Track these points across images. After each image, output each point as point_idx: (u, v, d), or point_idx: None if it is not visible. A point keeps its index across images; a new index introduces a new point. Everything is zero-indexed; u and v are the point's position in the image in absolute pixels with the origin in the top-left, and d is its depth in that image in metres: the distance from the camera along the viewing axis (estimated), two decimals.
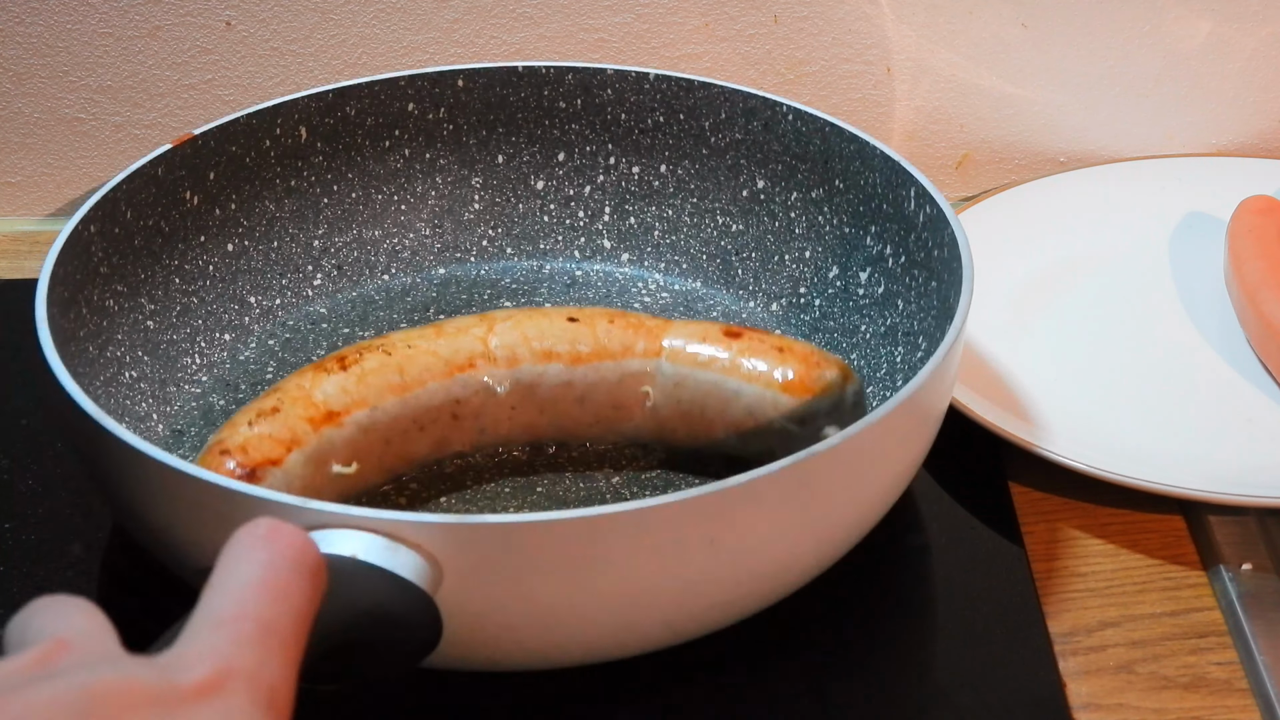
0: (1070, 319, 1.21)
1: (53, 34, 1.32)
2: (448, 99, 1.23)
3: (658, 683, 0.94)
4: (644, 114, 1.23)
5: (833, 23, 1.33)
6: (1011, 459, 1.10)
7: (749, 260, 1.22)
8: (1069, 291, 1.25)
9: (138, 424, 1.07)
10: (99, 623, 0.64)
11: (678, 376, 1.05)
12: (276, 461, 0.95)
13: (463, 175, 1.25)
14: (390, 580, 0.80)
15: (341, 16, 1.33)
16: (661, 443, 1.07)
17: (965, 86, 1.36)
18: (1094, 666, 0.97)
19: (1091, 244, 1.29)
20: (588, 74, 1.23)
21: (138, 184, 1.10)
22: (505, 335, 1.05)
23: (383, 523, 0.82)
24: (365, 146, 1.22)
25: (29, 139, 1.36)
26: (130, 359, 1.09)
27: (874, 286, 1.14)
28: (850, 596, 1.00)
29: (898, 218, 1.11)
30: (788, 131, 1.18)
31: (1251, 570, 1.01)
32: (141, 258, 1.12)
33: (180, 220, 1.15)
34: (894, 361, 1.10)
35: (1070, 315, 1.21)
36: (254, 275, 1.19)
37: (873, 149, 1.13)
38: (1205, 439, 1.10)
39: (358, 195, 1.23)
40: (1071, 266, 1.27)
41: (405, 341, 1.04)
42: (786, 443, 1.02)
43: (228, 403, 1.12)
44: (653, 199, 1.25)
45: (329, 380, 1.00)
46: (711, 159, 1.22)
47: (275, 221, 1.20)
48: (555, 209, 1.26)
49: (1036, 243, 1.28)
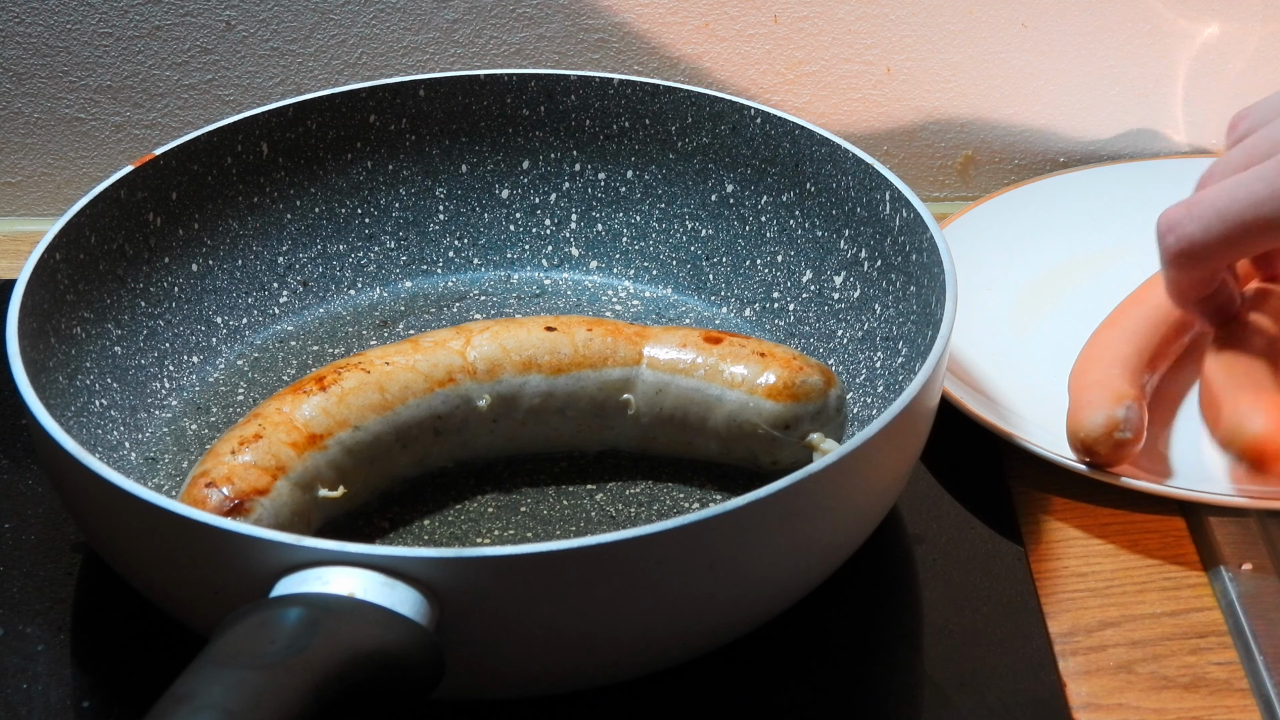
0: (1070, 319, 1.21)
1: (53, 34, 1.31)
2: (409, 109, 1.22)
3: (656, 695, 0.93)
4: (609, 119, 1.22)
5: (833, 23, 1.33)
6: (1011, 459, 1.10)
7: (720, 265, 1.21)
8: (1069, 291, 1.25)
9: (110, 453, 1.05)
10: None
11: (659, 383, 1.04)
12: (264, 491, 0.93)
13: (426, 186, 1.24)
14: (390, 619, 0.79)
15: (341, 16, 1.32)
16: (644, 452, 1.06)
17: (965, 86, 1.36)
18: (1094, 666, 0.97)
19: (1091, 244, 1.29)
20: (550, 80, 1.22)
21: (100, 207, 1.09)
22: (483, 347, 1.04)
23: (379, 558, 0.81)
24: (327, 160, 1.21)
25: (29, 139, 1.36)
26: (100, 387, 1.07)
27: (849, 291, 1.14)
28: (850, 597, 0.99)
29: (872, 221, 1.11)
30: (756, 135, 1.18)
31: (1251, 570, 1.02)
32: (106, 282, 1.10)
33: (144, 242, 1.13)
34: (873, 367, 1.10)
35: (1070, 315, 1.21)
36: (219, 295, 1.17)
37: (844, 152, 1.13)
38: (1205, 439, 1.10)
39: (321, 210, 1.22)
40: (1071, 266, 1.27)
41: (383, 358, 1.03)
42: (770, 448, 1.02)
43: (200, 427, 1.10)
44: (620, 205, 1.24)
45: (309, 402, 0.99)
46: (679, 163, 1.22)
47: (239, 239, 1.19)
48: (521, 217, 1.24)
49: (1036, 243, 1.28)
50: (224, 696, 0.71)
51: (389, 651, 0.78)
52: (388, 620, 0.79)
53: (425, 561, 0.80)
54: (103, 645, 0.98)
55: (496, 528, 1.02)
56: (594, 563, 0.82)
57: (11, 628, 0.98)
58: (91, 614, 1.00)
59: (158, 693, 0.73)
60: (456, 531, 1.02)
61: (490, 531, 1.02)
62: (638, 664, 0.91)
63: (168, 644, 0.92)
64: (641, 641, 0.88)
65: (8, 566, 1.03)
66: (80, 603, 1.00)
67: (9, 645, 0.97)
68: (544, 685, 0.90)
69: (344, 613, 0.78)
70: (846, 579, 0.97)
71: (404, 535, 1.02)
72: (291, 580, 0.81)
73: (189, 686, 0.72)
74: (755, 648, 0.95)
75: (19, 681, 0.95)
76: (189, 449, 1.08)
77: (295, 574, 0.81)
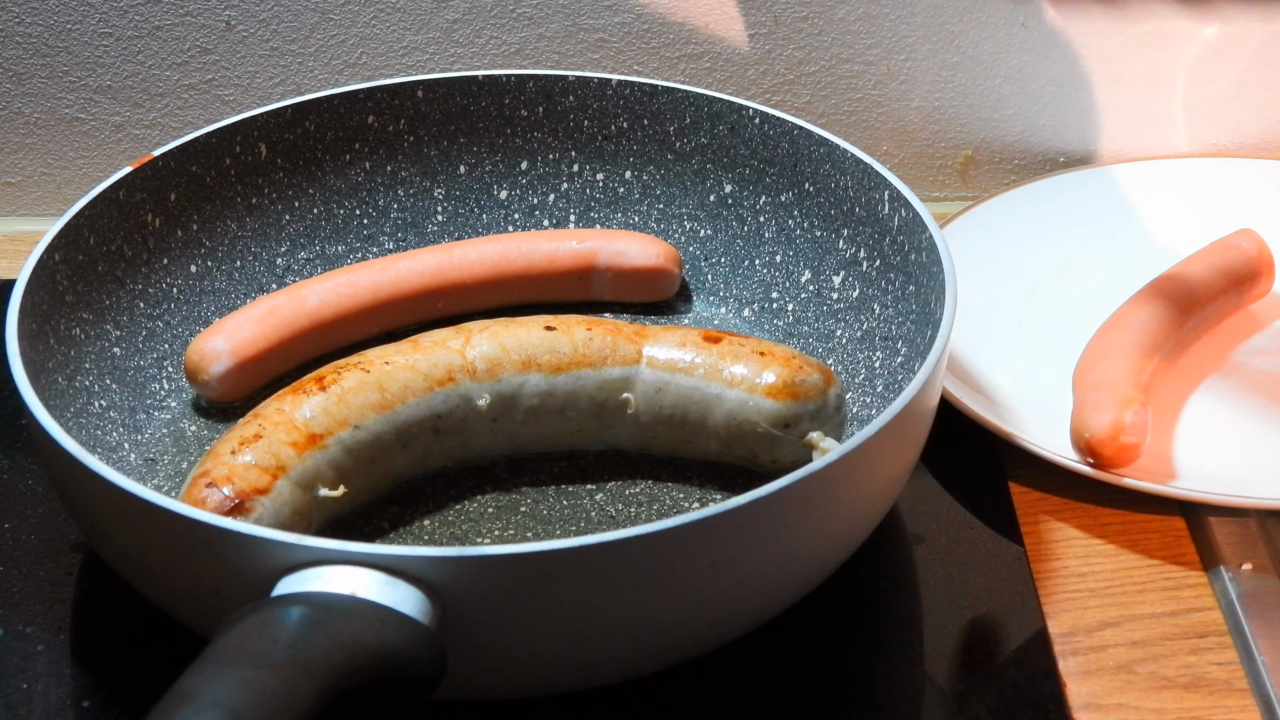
0: (1070, 319, 1.21)
1: (53, 34, 1.31)
2: (408, 110, 1.21)
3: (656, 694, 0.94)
4: (607, 120, 1.22)
5: (833, 23, 1.33)
6: (1011, 459, 1.10)
7: (719, 265, 1.21)
8: (1069, 291, 1.25)
9: (109, 454, 1.05)
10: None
11: (659, 382, 1.04)
12: (264, 490, 0.93)
13: (425, 187, 1.24)
14: (391, 618, 0.79)
15: (341, 16, 1.32)
16: (644, 451, 1.06)
17: (965, 86, 1.36)
18: (1094, 666, 0.97)
19: (1091, 244, 1.29)
20: (549, 81, 1.22)
21: (99, 208, 1.09)
22: (483, 346, 1.04)
23: (380, 557, 0.81)
24: (326, 161, 1.21)
25: (29, 139, 1.36)
26: (99, 388, 1.07)
27: (848, 290, 1.14)
28: (850, 597, 1.00)
29: (871, 221, 1.11)
30: (755, 135, 1.18)
31: (1251, 570, 1.02)
32: (106, 283, 1.10)
33: (143, 243, 1.13)
34: (872, 366, 1.10)
35: (1070, 315, 1.22)
36: (218, 296, 1.17)
37: (843, 152, 1.13)
38: (1206, 439, 1.11)
39: (320, 211, 1.21)
40: (1071, 266, 1.27)
41: (382, 358, 1.03)
42: (770, 447, 1.02)
43: (199, 428, 1.10)
44: (618, 205, 1.24)
45: (309, 402, 0.99)
46: (677, 164, 1.22)
47: (238, 240, 1.18)
48: (520, 218, 1.24)
49: (1037, 243, 1.29)
50: (226, 695, 0.71)
51: (391, 650, 0.78)
52: (389, 619, 0.79)
53: (427, 561, 0.80)
54: (103, 645, 0.98)
55: (496, 528, 1.02)
56: (594, 563, 0.82)
57: (11, 628, 0.98)
58: (91, 614, 1.00)
59: (158, 693, 0.73)
60: (457, 531, 1.02)
61: (490, 531, 1.02)
62: (638, 664, 0.91)
63: (168, 644, 0.92)
64: (641, 641, 0.88)
65: (8, 566, 1.03)
66: (80, 603, 1.00)
67: (9, 645, 0.97)
68: (545, 685, 0.90)
69: (345, 612, 0.78)
70: (846, 579, 0.97)
71: (404, 535, 1.02)
72: (292, 580, 0.81)
73: (191, 685, 0.72)
74: (755, 648, 0.95)
75: (19, 681, 0.95)
76: (188, 449, 1.08)
77: (296, 573, 0.81)
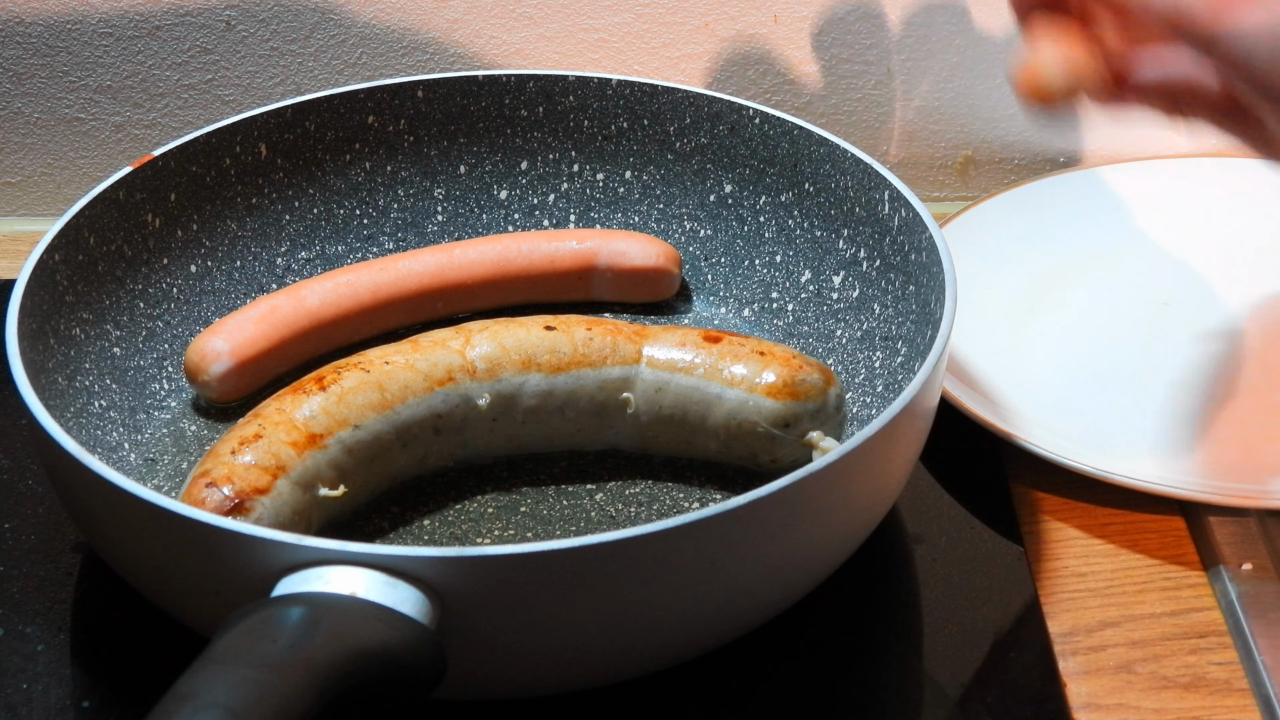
0: (1070, 319, 1.21)
1: (53, 34, 1.31)
2: (408, 110, 1.21)
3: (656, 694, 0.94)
4: (607, 120, 1.22)
5: (833, 23, 1.33)
6: (1011, 459, 1.10)
7: (719, 266, 1.21)
8: (1069, 291, 1.25)
9: (109, 454, 1.05)
10: None
11: (659, 382, 1.04)
12: (264, 490, 0.93)
13: (425, 187, 1.23)
14: (392, 618, 0.79)
15: (341, 16, 1.32)
16: (644, 451, 1.06)
17: (965, 86, 1.36)
18: (1094, 666, 0.97)
19: (1091, 244, 1.29)
20: (549, 81, 1.22)
21: (99, 208, 1.09)
22: (483, 346, 1.04)
23: (380, 557, 0.81)
24: (326, 161, 1.21)
25: (29, 139, 1.36)
26: (99, 388, 1.07)
27: (848, 290, 1.14)
28: (850, 597, 1.00)
29: (871, 221, 1.11)
30: (755, 135, 1.18)
31: (1251, 570, 1.02)
32: (106, 283, 1.10)
33: (143, 243, 1.13)
34: (872, 366, 1.10)
35: (1070, 315, 1.22)
36: (218, 296, 1.17)
37: (843, 152, 1.13)
38: (1205, 439, 1.11)
39: (320, 211, 1.21)
40: (1071, 267, 1.27)
41: (382, 358, 1.03)
42: (770, 447, 1.02)
43: (199, 427, 1.10)
44: (618, 206, 1.24)
45: (309, 401, 0.99)
46: (677, 164, 1.22)
47: (238, 240, 1.18)
48: (520, 218, 1.24)
49: (1036, 242, 1.28)
50: (227, 695, 0.71)
51: (391, 650, 0.78)
52: (390, 619, 0.79)
53: (427, 560, 0.80)
54: (103, 645, 0.98)
55: (496, 528, 1.02)
56: (594, 563, 0.82)
57: (11, 628, 0.98)
58: (91, 614, 1.00)
59: (158, 693, 0.73)
60: (457, 531, 1.02)
61: (490, 531, 1.02)
62: (638, 664, 0.91)
63: (168, 644, 0.92)
64: (641, 641, 0.88)
65: (8, 566, 1.03)
66: (80, 603, 1.00)
67: (9, 645, 0.97)
68: (545, 685, 0.90)
69: (346, 612, 0.78)
70: (846, 579, 0.97)
71: (404, 535, 1.02)
72: (293, 580, 0.81)
73: (191, 685, 0.72)
74: (755, 648, 0.95)
75: (19, 681, 0.95)
76: (188, 450, 1.08)
77: (296, 573, 0.81)
